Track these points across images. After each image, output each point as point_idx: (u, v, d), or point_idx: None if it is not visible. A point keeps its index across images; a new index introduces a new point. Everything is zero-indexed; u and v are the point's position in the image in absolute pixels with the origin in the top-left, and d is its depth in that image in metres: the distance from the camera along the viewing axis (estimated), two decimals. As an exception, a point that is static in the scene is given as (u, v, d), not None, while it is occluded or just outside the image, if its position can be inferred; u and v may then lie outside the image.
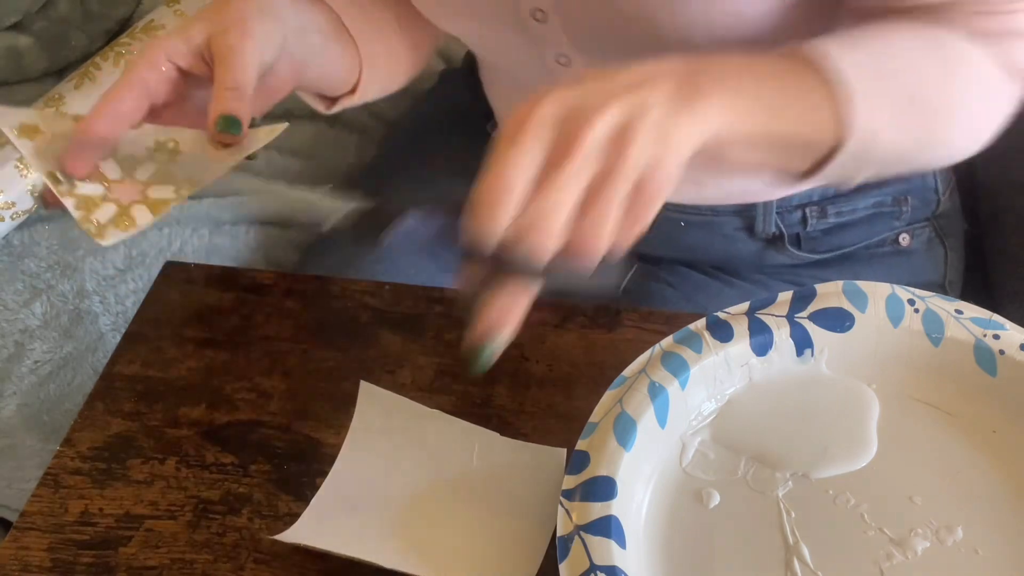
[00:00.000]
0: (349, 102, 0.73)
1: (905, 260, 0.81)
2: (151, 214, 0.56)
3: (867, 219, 0.79)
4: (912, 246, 0.81)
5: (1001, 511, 0.49)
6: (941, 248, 0.82)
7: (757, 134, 0.48)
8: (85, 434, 0.61)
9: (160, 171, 0.57)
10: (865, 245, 0.80)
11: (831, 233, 0.79)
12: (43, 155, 0.56)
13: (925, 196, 0.80)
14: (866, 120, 0.50)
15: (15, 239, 1.01)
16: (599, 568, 0.45)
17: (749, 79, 0.48)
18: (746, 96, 0.47)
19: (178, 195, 0.56)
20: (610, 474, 0.49)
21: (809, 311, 0.55)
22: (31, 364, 0.91)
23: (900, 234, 0.80)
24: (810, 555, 0.48)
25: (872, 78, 0.50)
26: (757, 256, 0.81)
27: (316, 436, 0.60)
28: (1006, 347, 0.52)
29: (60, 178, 0.56)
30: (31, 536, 0.56)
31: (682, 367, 0.53)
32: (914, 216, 0.80)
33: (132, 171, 0.57)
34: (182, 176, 0.57)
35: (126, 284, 0.97)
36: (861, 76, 0.50)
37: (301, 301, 0.68)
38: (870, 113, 0.50)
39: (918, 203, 0.80)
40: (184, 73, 0.59)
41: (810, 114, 0.50)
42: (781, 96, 0.50)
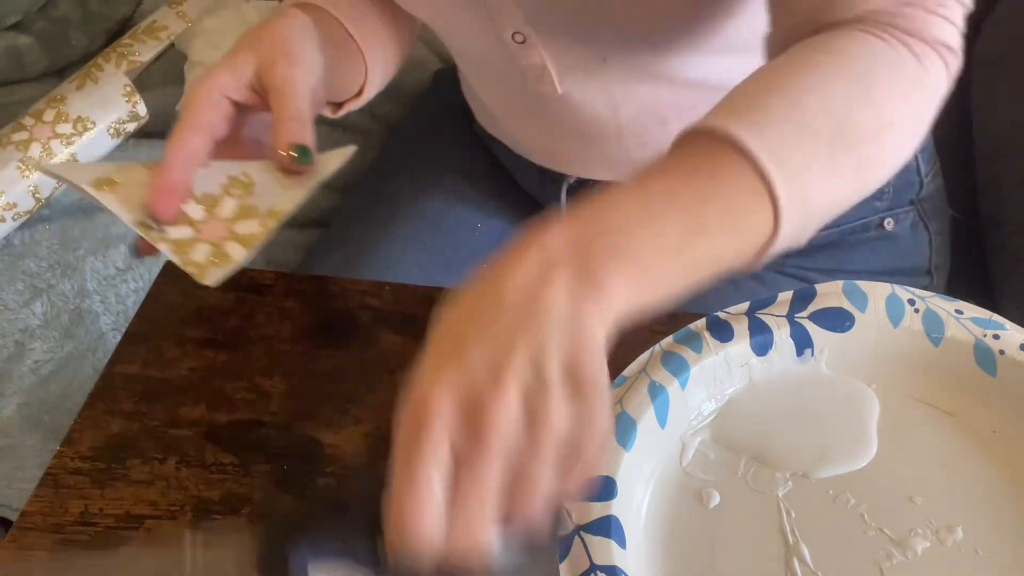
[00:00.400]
0: (355, 105, 0.74)
1: (891, 244, 0.81)
2: (244, 249, 0.57)
3: None
4: (896, 230, 0.81)
5: (1001, 511, 0.49)
6: (926, 232, 0.82)
7: (674, 286, 0.43)
8: (85, 434, 0.61)
9: (241, 206, 0.58)
10: (850, 230, 0.80)
11: None
12: (127, 205, 0.57)
13: (907, 177, 0.80)
14: (798, 196, 0.45)
15: (16, 239, 1.01)
16: (599, 568, 0.45)
17: (647, 227, 0.41)
18: (648, 259, 0.41)
19: (264, 227, 0.57)
20: (610, 474, 0.49)
21: (809, 311, 0.55)
22: (31, 364, 0.91)
23: (884, 219, 0.80)
24: (810, 555, 0.48)
25: (790, 148, 0.45)
26: None
27: (316, 436, 0.60)
28: (1006, 347, 0.52)
29: (151, 224, 0.56)
30: (31, 536, 0.56)
31: (682, 367, 0.53)
32: (897, 199, 0.80)
33: (214, 209, 0.58)
34: (263, 208, 0.58)
35: (126, 284, 0.97)
36: (778, 153, 0.44)
37: (301, 301, 0.68)
38: (800, 187, 0.45)
39: (900, 184, 0.79)
40: (237, 106, 0.60)
41: (734, 225, 0.44)
42: (694, 226, 0.42)
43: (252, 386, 0.63)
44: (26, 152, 1.00)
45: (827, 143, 0.46)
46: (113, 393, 0.63)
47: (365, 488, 0.41)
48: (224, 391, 0.63)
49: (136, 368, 0.65)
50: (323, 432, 0.60)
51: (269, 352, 0.65)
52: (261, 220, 0.58)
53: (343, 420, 0.60)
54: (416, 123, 1.02)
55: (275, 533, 0.43)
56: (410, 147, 0.98)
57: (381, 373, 0.63)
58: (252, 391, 0.63)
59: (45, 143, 1.01)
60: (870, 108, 0.48)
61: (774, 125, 0.45)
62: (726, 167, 0.44)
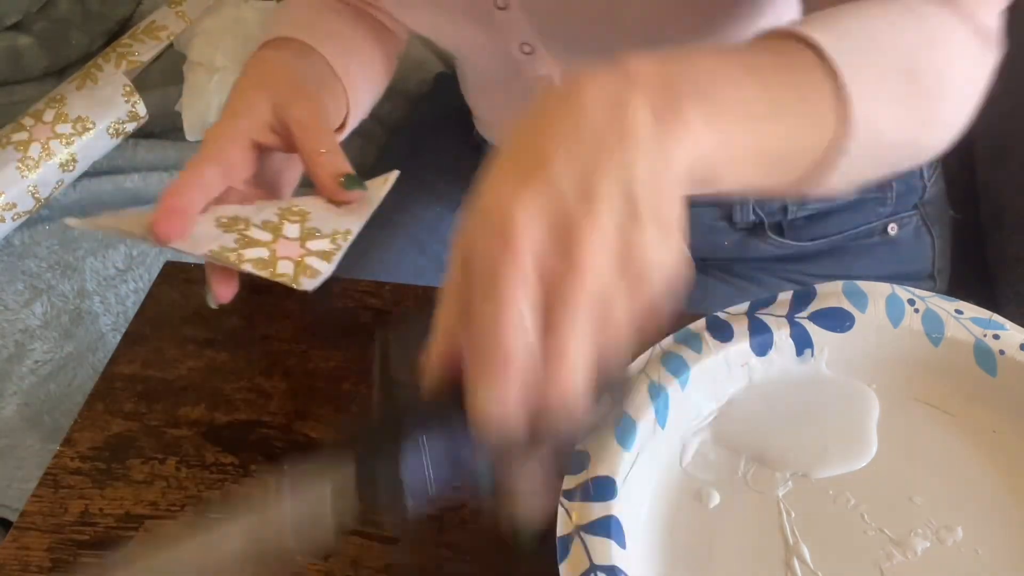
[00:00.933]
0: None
1: (894, 250, 0.81)
2: (326, 262, 0.57)
3: (851, 205, 0.79)
4: (900, 235, 0.81)
5: (1001, 511, 0.49)
6: (928, 236, 0.82)
7: (745, 160, 0.42)
8: (85, 434, 0.61)
9: (304, 229, 0.58)
10: (854, 235, 0.80)
11: (814, 220, 0.79)
12: (195, 242, 0.56)
13: (910, 181, 0.80)
14: (867, 110, 0.44)
15: (15, 239, 1.01)
16: (599, 568, 0.45)
17: (728, 82, 0.41)
18: (732, 106, 0.40)
19: (336, 244, 0.58)
20: (610, 474, 0.49)
21: (809, 311, 0.55)
22: (31, 364, 0.91)
23: (888, 224, 0.80)
24: (810, 555, 0.48)
25: (863, 63, 0.45)
26: (740, 246, 0.81)
27: (316, 436, 0.60)
28: (1006, 347, 0.52)
29: (229, 246, 0.56)
30: (31, 536, 0.56)
31: (682, 367, 0.53)
32: (900, 204, 0.80)
33: (279, 232, 0.58)
34: (328, 230, 0.58)
35: (126, 284, 0.97)
36: (852, 62, 0.44)
37: (301, 301, 0.68)
38: (870, 102, 0.45)
39: (903, 188, 0.79)
40: (258, 147, 0.61)
41: (805, 113, 0.44)
42: (768, 99, 0.42)
43: (252, 386, 0.63)
44: (26, 152, 1.00)
45: (898, 75, 0.46)
46: (113, 393, 0.63)
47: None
48: (224, 391, 0.63)
49: (136, 368, 0.65)
50: (323, 432, 0.60)
51: (269, 352, 0.65)
52: (331, 238, 0.58)
53: (343, 420, 0.60)
54: (416, 127, 1.02)
55: (366, 452, 0.39)
56: (409, 151, 0.98)
57: (381, 373, 0.63)
58: (252, 391, 0.63)
59: (45, 143, 1.01)
60: (940, 60, 0.48)
61: (853, 41, 0.44)
62: (804, 65, 0.43)
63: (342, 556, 0.54)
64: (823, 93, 0.43)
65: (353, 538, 0.55)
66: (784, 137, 0.43)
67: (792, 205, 0.78)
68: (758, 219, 0.79)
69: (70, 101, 1.05)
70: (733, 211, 0.78)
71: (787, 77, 0.43)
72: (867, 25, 0.46)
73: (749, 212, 0.78)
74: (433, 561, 0.53)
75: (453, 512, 0.55)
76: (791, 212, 0.78)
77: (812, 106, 0.43)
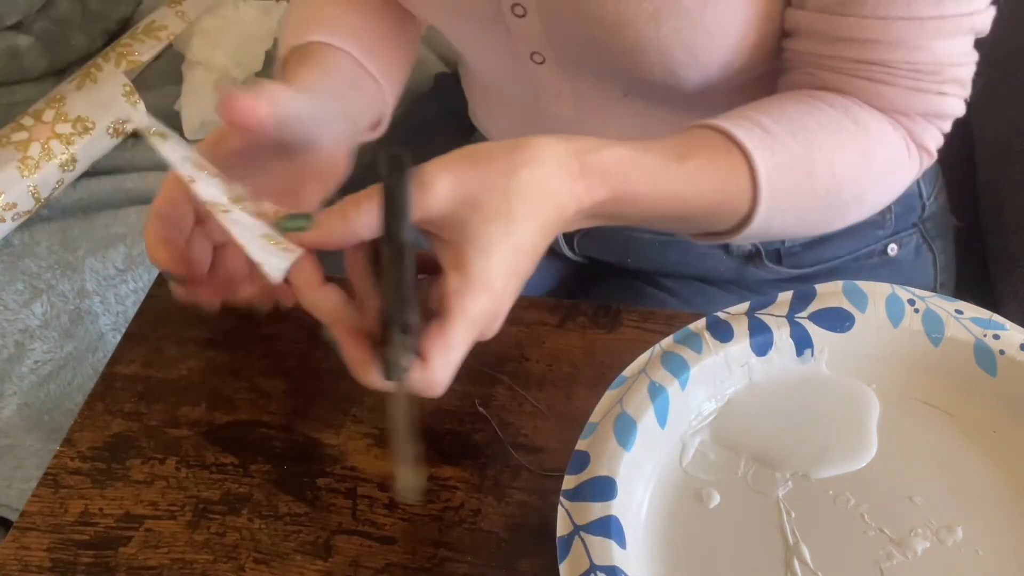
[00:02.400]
0: (369, 138, 0.70)
1: (894, 270, 0.80)
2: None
3: (849, 231, 0.77)
4: (900, 255, 0.80)
5: (1001, 511, 0.49)
6: (930, 254, 0.81)
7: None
8: (85, 434, 0.61)
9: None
10: (854, 258, 0.79)
11: (813, 247, 0.78)
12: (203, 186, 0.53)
13: (908, 203, 0.79)
14: (762, 222, 0.55)
15: (15, 239, 1.01)
16: (599, 568, 0.45)
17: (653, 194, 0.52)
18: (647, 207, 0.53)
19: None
20: (610, 474, 0.49)
21: (809, 311, 0.55)
22: (31, 364, 0.91)
23: (888, 245, 0.79)
24: (810, 555, 0.48)
25: (783, 188, 0.54)
26: (737, 273, 0.80)
27: (316, 436, 0.60)
28: (1006, 347, 0.52)
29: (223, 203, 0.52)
30: (31, 536, 0.56)
31: (682, 367, 0.53)
32: (899, 224, 0.79)
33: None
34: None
35: (126, 284, 0.97)
36: (773, 185, 0.53)
37: (301, 301, 0.68)
38: (772, 219, 0.55)
39: (901, 210, 0.78)
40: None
41: (713, 220, 0.56)
42: (667, 220, 0.55)
43: (252, 386, 0.63)
44: (26, 152, 1.00)
45: (812, 197, 0.56)
46: (113, 393, 0.63)
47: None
48: (224, 391, 0.63)
49: (136, 368, 0.65)
50: (323, 432, 0.60)
51: (269, 352, 0.65)
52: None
53: (343, 420, 0.60)
54: (413, 125, 1.02)
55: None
56: (409, 147, 0.98)
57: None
58: (252, 391, 0.63)
59: (45, 143, 1.01)
60: (858, 185, 0.58)
61: (784, 165, 0.54)
62: (732, 166, 0.54)
63: (342, 556, 0.54)
64: (740, 199, 0.54)
65: (353, 538, 0.55)
66: (671, 230, 0.58)
67: None
68: (754, 249, 0.78)
69: (70, 101, 1.05)
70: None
71: (705, 198, 0.53)
72: (807, 152, 0.55)
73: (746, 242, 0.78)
74: (433, 561, 0.53)
75: (453, 512, 0.55)
76: (788, 239, 0.78)
77: (721, 216, 0.55)
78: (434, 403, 0.61)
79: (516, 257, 0.47)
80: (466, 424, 0.60)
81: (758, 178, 0.53)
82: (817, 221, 0.60)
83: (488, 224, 0.46)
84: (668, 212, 0.53)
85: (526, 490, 0.56)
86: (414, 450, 0.49)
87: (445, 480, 0.57)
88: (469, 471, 0.57)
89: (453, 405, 0.61)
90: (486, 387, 0.62)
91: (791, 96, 0.59)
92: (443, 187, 0.46)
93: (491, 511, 0.55)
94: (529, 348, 0.63)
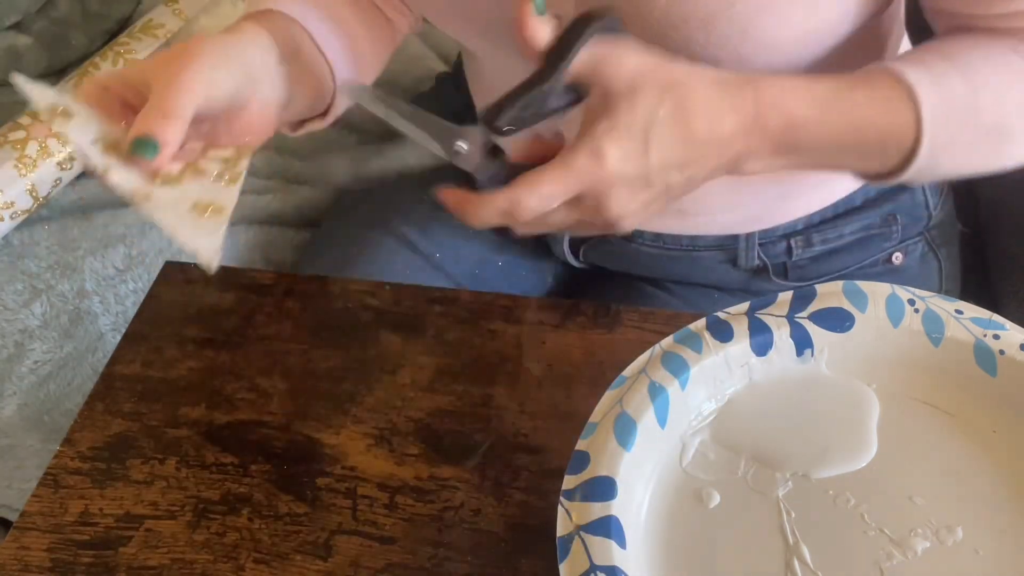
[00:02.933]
0: (317, 126, 0.70)
1: (899, 278, 0.79)
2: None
3: (857, 243, 0.77)
4: (905, 263, 0.79)
5: (1001, 511, 0.49)
6: (935, 261, 0.80)
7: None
8: (85, 434, 0.61)
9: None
10: (858, 268, 0.79)
11: (819, 260, 0.78)
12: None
13: (915, 213, 0.78)
14: (928, 156, 0.55)
15: (15, 239, 1.01)
16: (599, 568, 0.45)
17: (819, 125, 0.54)
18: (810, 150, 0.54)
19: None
20: (610, 474, 0.49)
21: (809, 311, 0.55)
22: (31, 364, 0.91)
23: (893, 253, 0.79)
24: (810, 555, 0.48)
25: (947, 122, 0.54)
26: (743, 285, 0.80)
27: (316, 436, 0.60)
28: (1006, 347, 0.52)
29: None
30: (31, 536, 0.56)
31: (682, 367, 0.53)
32: (905, 234, 0.79)
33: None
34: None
35: (126, 284, 0.97)
36: (937, 119, 0.54)
37: (301, 301, 0.68)
38: (936, 153, 0.55)
39: (908, 220, 0.78)
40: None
41: (873, 154, 0.56)
42: (843, 146, 0.55)
43: (252, 386, 0.63)
44: (23, 151, 1.00)
45: (977, 132, 0.56)
46: (113, 393, 0.63)
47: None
48: (224, 391, 0.63)
49: (136, 368, 0.65)
50: (323, 432, 0.60)
51: (269, 352, 0.65)
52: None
53: (343, 420, 0.60)
54: None
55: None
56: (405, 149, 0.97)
57: (381, 373, 0.63)
58: (252, 391, 0.63)
59: (42, 142, 1.01)
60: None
61: (948, 99, 0.54)
62: (898, 96, 0.54)
63: (342, 556, 0.54)
64: (902, 136, 0.55)
65: (353, 538, 0.55)
66: (843, 166, 0.59)
67: (797, 248, 0.77)
68: (762, 263, 0.78)
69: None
70: (737, 255, 0.77)
71: (875, 126, 0.55)
72: (973, 88, 0.55)
73: (754, 257, 0.77)
74: (433, 561, 0.53)
75: (453, 512, 0.55)
76: (796, 254, 0.77)
77: (890, 148, 0.56)
78: (434, 403, 0.61)
79: (643, 141, 0.50)
80: (466, 424, 0.60)
81: (921, 111, 0.53)
82: (986, 157, 0.58)
83: (623, 107, 0.50)
84: (840, 140, 0.54)
85: (526, 490, 0.56)
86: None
87: (445, 480, 0.57)
88: (469, 471, 0.57)
89: (453, 405, 0.61)
90: (486, 387, 0.62)
91: (955, 36, 0.59)
92: (627, 69, 0.51)
93: (491, 511, 0.55)
94: (529, 348, 0.63)
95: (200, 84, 0.54)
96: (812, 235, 0.76)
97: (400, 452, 0.59)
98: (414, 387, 0.62)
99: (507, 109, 0.53)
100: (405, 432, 0.60)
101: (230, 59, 0.57)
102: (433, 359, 0.64)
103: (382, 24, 0.75)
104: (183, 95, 0.53)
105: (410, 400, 0.61)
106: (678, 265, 0.80)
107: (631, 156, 0.50)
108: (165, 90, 0.53)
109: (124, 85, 0.56)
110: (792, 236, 0.76)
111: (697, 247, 0.78)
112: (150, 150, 0.52)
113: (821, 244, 0.77)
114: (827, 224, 0.76)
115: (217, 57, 0.56)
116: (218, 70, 0.56)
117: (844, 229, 0.77)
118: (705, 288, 0.82)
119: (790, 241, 0.76)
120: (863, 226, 0.77)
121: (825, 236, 0.77)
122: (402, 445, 0.59)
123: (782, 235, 0.76)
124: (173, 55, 0.56)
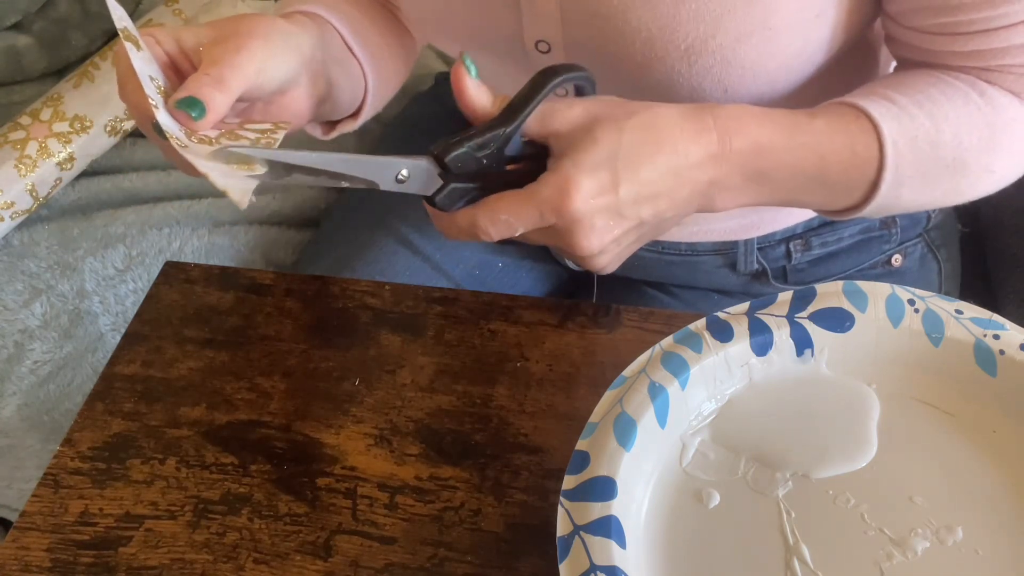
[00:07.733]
0: (349, 127, 0.72)
1: (897, 280, 0.80)
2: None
3: (856, 246, 0.78)
4: (904, 265, 0.79)
5: (1001, 511, 0.49)
6: (935, 263, 0.81)
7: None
8: (85, 434, 0.61)
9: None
10: (857, 271, 0.79)
11: (819, 264, 0.78)
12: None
13: (914, 215, 0.78)
14: (891, 187, 0.55)
15: (15, 239, 1.01)
16: (599, 568, 0.45)
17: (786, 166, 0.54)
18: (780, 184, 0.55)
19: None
20: (610, 474, 0.49)
21: (809, 311, 0.55)
22: (31, 364, 0.91)
23: (892, 256, 0.79)
24: (810, 555, 0.48)
25: (909, 153, 0.55)
26: (743, 288, 0.80)
27: (316, 436, 0.60)
28: (1006, 347, 0.52)
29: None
30: (31, 536, 0.56)
31: (682, 367, 0.53)
32: (904, 236, 0.79)
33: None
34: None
35: (126, 284, 0.97)
36: (900, 151, 0.54)
37: (301, 301, 0.68)
38: (898, 186, 0.55)
39: (907, 222, 0.78)
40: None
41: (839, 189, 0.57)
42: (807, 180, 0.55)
43: (252, 386, 0.63)
44: (23, 151, 1.00)
45: (937, 165, 0.56)
46: (113, 393, 0.63)
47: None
48: (224, 391, 0.63)
49: (136, 368, 0.65)
50: (323, 432, 0.60)
51: (269, 352, 0.65)
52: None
53: (343, 420, 0.60)
54: (412, 125, 1.02)
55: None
56: (404, 149, 0.97)
57: (381, 373, 0.63)
58: (252, 391, 0.63)
59: (42, 142, 1.01)
60: (986, 156, 0.57)
61: (910, 132, 0.55)
62: (861, 129, 0.55)
63: (342, 556, 0.54)
64: (865, 172, 0.55)
65: (353, 538, 0.55)
66: (809, 198, 0.58)
67: (796, 251, 0.77)
68: (761, 267, 0.78)
69: (67, 100, 1.05)
70: (737, 260, 0.78)
71: (839, 155, 0.55)
72: (936, 124, 0.55)
73: (753, 261, 0.77)
74: (433, 561, 0.53)
75: (453, 512, 0.55)
76: (795, 258, 0.77)
77: (854, 179, 0.56)
78: (434, 403, 0.61)
79: (611, 171, 0.50)
80: (466, 424, 0.60)
81: (884, 144, 0.54)
82: (946, 191, 0.59)
83: (584, 144, 0.51)
84: (805, 168, 0.54)
85: (526, 490, 0.56)
86: None
87: (445, 480, 0.57)
88: (469, 471, 0.57)
89: (453, 405, 0.61)
90: (486, 387, 0.62)
91: (916, 71, 0.59)
92: (576, 112, 0.52)
93: (491, 511, 0.55)
94: (529, 348, 0.63)
95: (254, 67, 0.55)
96: (811, 239, 0.77)
97: (400, 452, 0.59)
98: (414, 387, 0.62)
99: (458, 147, 0.53)
100: (405, 432, 0.60)
101: (288, 48, 0.58)
102: (433, 359, 0.64)
103: (402, 32, 0.75)
104: (237, 73, 0.54)
105: (410, 400, 0.61)
106: (677, 270, 0.80)
107: (600, 190, 0.50)
108: (221, 61, 0.54)
109: (176, 47, 0.57)
110: (791, 240, 0.76)
111: (696, 252, 0.78)
112: (197, 109, 0.53)
113: (820, 247, 0.77)
114: (826, 227, 0.77)
115: (275, 45, 0.57)
116: (275, 58, 0.57)
117: (843, 232, 0.77)
118: (705, 292, 0.82)
119: (789, 245, 0.77)
120: (862, 229, 0.77)
121: (824, 239, 0.77)
122: (402, 445, 0.59)
123: (781, 239, 0.77)
124: (232, 30, 0.57)
